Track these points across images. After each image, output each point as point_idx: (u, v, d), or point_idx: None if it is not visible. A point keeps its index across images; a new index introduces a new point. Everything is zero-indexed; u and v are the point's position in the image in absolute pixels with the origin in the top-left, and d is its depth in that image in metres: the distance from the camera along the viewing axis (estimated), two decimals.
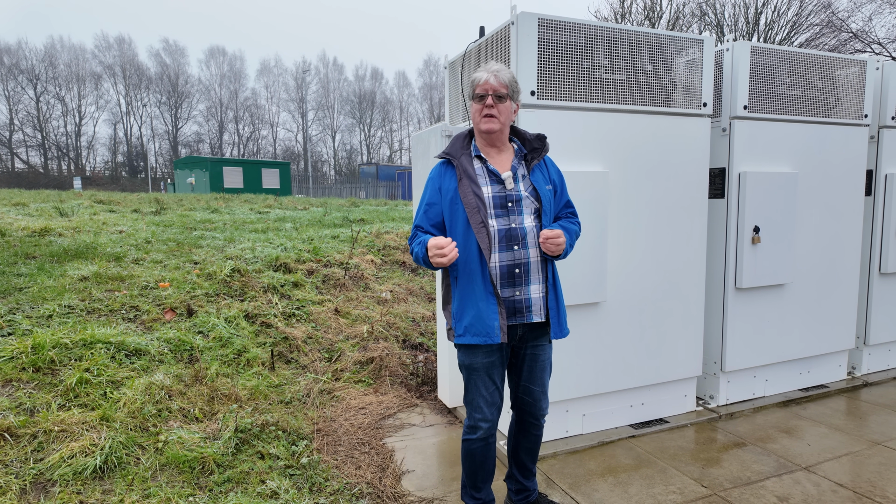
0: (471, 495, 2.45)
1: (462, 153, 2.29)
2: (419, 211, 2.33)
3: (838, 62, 3.94)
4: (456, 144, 2.33)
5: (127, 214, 9.26)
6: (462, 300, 2.24)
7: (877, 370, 4.54)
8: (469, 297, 2.21)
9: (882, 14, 22.77)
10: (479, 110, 2.24)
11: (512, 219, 2.22)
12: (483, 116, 2.23)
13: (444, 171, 2.30)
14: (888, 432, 3.46)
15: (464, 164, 2.26)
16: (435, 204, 2.28)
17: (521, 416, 2.48)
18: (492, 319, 2.18)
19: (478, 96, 2.23)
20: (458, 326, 2.25)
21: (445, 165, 2.32)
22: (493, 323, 2.18)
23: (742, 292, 3.76)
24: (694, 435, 3.46)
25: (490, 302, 2.19)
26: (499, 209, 2.22)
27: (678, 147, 3.45)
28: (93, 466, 2.62)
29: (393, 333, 4.91)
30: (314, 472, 2.88)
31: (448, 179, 2.27)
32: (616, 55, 3.22)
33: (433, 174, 2.34)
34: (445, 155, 2.31)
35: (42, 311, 3.97)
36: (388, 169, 39.81)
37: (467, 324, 2.22)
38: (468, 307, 2.21)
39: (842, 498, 2.72)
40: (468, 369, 2.32)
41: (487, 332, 2.18)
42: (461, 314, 2.24)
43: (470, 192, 2.20)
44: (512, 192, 2.24)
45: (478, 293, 2.20)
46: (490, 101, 2.20)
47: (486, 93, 2.21)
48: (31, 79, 45.89)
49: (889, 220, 4.31)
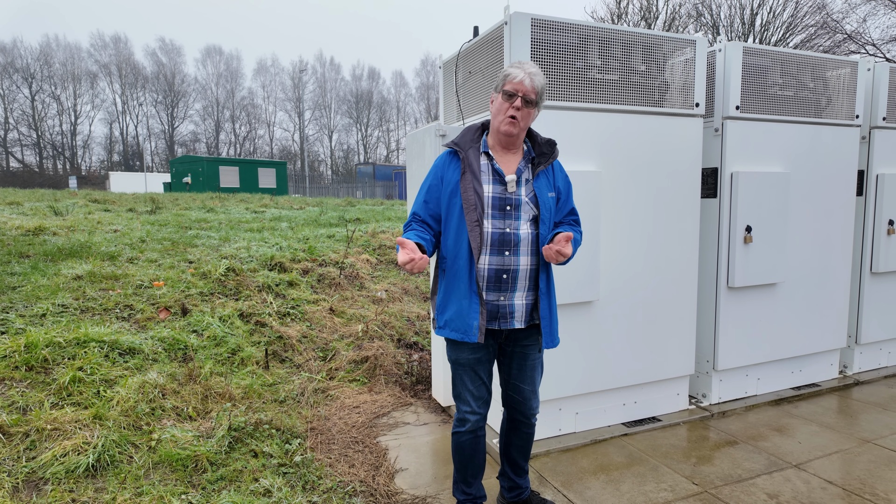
0: (462, 490, 2.46)
1: (471, 146, 2.25)
2: (418, 198, 2.29)
3: (830, 63, 3.97)
4: (466, 136, 2.28)
5: (122, 214, 9.23)
6: (447, 294, 2.23)
7: (868, 369, 4.58)
8: (453, 293, 2.21)
9: (876, 15, 22.88)
10: (505, 109, 2.16)
11: (508, 223, 2.18)
12: (506, 116, 2.16)
13: (448, 162, 2.27)
14: (878, 430, 3.48)
15: (470, 157, 2.22)
16: (435, 193, 2.25)
17: (511, 414, 2.48)
18: (472, 319, 2.17)
19: (507, 93, 2.15)
20: (439, 318, 2.27)
21: (451, 156, 2.28)
22: (473, 322, 2.16)
23: (734, 291, 3.78)
24: (686, 433, 3.48)
25: (473, 301, 2.17)
26: (496, 211, 2.18)
27: (671, 147, 3.47)
28: (85, 465, 2.62)
29: (388, 332, 4.92)
30: (307, 470, 2.88)
31: (452, 170, 2.23)
32: (609, 55, 3.24)
33: (438, 162, 2.30)
34: (454, 145, 2.27)
35: (35, 310, 3.96)
36: (384, 169, 39.79)
37: (448, 318, 2.22)
38: (451, 302, 2.21)
39: (831, 495, 2.74)
40: (454, 363, 2.33)
41: (466, 329, 2.18)
42: (444, 307, 2.25)
43: (470, 188, 2.16)
44: (512, 195, 2.20)
45: (462, 290, 2.18)
46: (518, 102, 2.13)
47: (517, 93, 2.14)
48: (27, 78, 45.71)
49: (880, 220, 4.34)
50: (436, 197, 2.26)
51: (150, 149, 52.47)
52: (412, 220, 2.28)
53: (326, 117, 57.56)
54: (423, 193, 2.28)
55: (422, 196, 2.29)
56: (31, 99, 46.10)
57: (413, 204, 2.33)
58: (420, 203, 2.28)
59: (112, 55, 50.07)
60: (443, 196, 2.24)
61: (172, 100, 52.58)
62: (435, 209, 2.26)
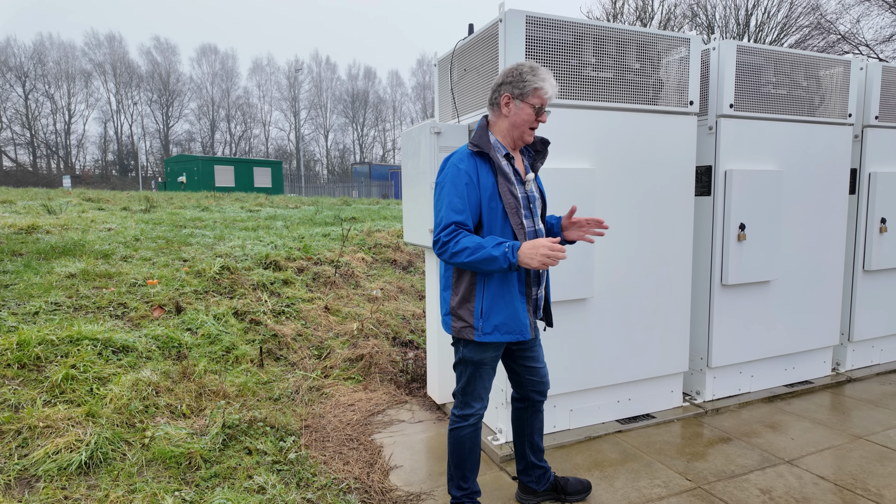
0: (458, 486, 2.47)
1: (491, 148, 2.25)
2: (456, 205, 2.15)
3: (823, 62, 3.99)
4: (484, 138, 2.25)
5: (116, 212, 9.19)
6: (493, 299, 2.23)
7: (861, 366, 4.60)
8: (502, 297, 2.23)
9: (870, 16, 23.03)
10: (531, 121, 2.24)
11: (535, 220, 2.33)
12: (530, 129, 2.27)
13: (479, 165, 2.22)
14: (870, 427, 3.51)
15: (500, 161, 2.25)
16: (474, 199, 2.18)
17: (531, 397, 2.57)
18: (525, 317, 2.27)
19: (535, 107, 2.22)
20: (485, 325, 2.23)
21: (478, 158, 2.23)
22: (525, 321, 2.27)
23: (728, 289, 3.80)
24: (680, 430, 3.49)
25: (522, 301, 2.27)
26: (525, 210, 2.29)
27: (665, 145, 3.48)
28: (78, 462, 2.61)
29: (383, 331, 4.91)
30: (302, 467, 2.88)
31: (485, 174, 2.21)
32: (603, 53, 3.25)
33: (467, 167, 2.20)
34: (476, 147, 2.24)
35: (28, 308, 3.94)
36: (380, 168, 39.75)
37: (498, 323, 2.23)
38: (500, 307, 2.23)
39: (823, 490, 2.76)
40: (476, 364, 2.33)
41: (521, 329, 2.26)
42: (490, 312, 2.23)
43: (507, 191, 2.21)
44: (529, 193, 2.33)
45: (512, 292, 2.24)
46: (544, 117, 2.26)
47: (544, 107, 2.24)
48: (20, 76, 45.42)
49: (873, 218, 4.37)
50: (476, 202, 2.20)
51: (145, 148, 52.25)
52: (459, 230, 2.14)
53: (322, 117, 57.48)
54: (463, 200, 2.17)
55: (460, 202, 2.17)
56: (25, 98, 45.81)
57: (445, 213, 2.17)
58: (463, 209, 2.16)
59: (106, 54, 49.84)
60: (482, 201, 2.20)
61: (167, 99, 52.37)
62: (475, 215, 2.21)
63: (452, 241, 2.11)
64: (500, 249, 2.05)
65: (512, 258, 2.03)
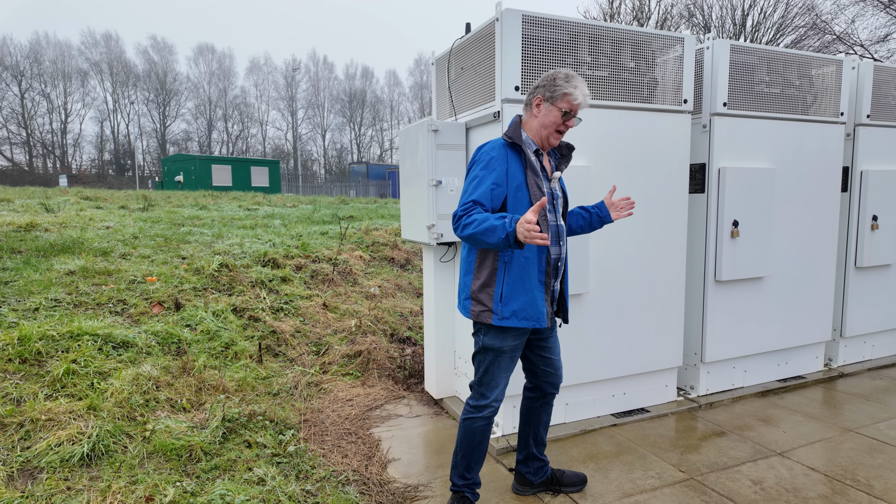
0: (461, 475, 2.51)
1: (523, 142, 2.37)
2: (480, 188, 2.26)
3: (816, 61, 4.04)
4: (517, 132, 2.38)
5: (114, 211, 9.20)
6: (513, 285, 2.32)
7: (852, 361, 4.66)
8: (522, 283, 2.32)
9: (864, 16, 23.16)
10: (559, 125, 2.36)
11: (556, 216, 2.44)
12: (556, 132, 2.37)
13: (510, 156, 2.33)
14: (861, 420, 3.56)
15: (530, 155, 2.37)
16: (500, 186, 2.29)
17: (545, 389, 2.63)
18: (542, 306, 2.36)
19: (565, 112, 2.33)
20: (504, 310, 2.32)
21: (509, 149, 2.35)
22: (543, 309, 2.36)
23: (722, 285, 3.85)
24: (674, 423, 3.54)
25: (540, 290, 2.36)
26: (550, 205, 2.41)
27: (659, 143, 3.53)
28: (80, 454, 2.64)
29: (381, 327, 4.95)
30: (301, 460, 2.92)
31: (515, 166, 2.33)
32: (599, 52, 3.29)
33: (498, 154, 2.32)
34: (512, 139, 2.35)
35: (28, 304, 3.97)
36: (378, 168, 39.74)
37: (516, 308, 2.31)
38: (519, 293, 2.31)
39: (813, 481, 2.81)
40: (496, 352, 2.39)
41: (538, 317, 2.34)
42: (510, 298, 2.31)
43: (534, 185, 2.33)
44: (554, 190, 2.44)
45: (532, 280, 2.33)
46: (572, 122, 2.37)
47: (573, 113, 2.35)
48: (16, 75, 45.26)
49: (864, 216, 4.43)
50: (502, 188, 2.30)
51: (142, 147, 52.12)
52: (475, 207, 2.24)
53: (320, 116, 57.41)
54: (490, 185, 2.27)
55: (486, 187, 2.27)
56: (21, 97, 45.64)
57: (469, 193, 2.29)
58: (486, 193, 2.26)
59: (103, 53, 49.67)
60: (509, 190, 2.31)
61: (164, 98, 52.21)
62: (498, 200, 2.30)
63: (466, 215, 2.23)
64: (501, 220, 2.13)
65: (509, 227, 2.10)
